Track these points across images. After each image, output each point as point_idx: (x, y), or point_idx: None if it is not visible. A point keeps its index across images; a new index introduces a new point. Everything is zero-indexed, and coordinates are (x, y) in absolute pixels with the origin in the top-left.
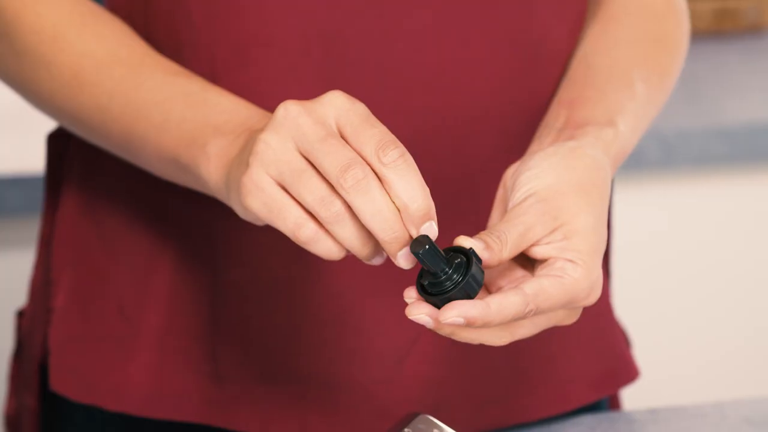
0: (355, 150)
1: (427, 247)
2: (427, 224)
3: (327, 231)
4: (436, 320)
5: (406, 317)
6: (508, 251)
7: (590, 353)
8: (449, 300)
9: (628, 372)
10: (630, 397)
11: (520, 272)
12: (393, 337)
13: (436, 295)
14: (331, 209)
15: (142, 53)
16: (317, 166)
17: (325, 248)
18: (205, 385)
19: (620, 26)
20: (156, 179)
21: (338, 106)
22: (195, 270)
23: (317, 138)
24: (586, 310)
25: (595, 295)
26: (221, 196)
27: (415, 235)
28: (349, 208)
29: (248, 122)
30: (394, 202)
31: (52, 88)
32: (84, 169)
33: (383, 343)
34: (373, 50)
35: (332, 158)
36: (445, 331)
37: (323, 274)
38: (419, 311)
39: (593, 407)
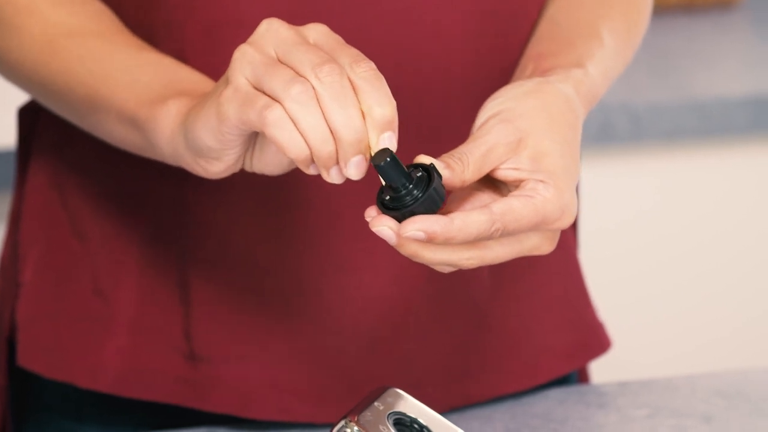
0: None
1: (388, 159)
2: (388, 133)
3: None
4: (398, 235)
5: (375, 295)
6: (471, 172)
7: (561, 324)
8: (411, 214)
9: (600, 343)
10: (599, 371)
11: (490, 200)
12: (364, 316)
13: (398, 209)
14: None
15: (116, 30)
16: (293, 66)
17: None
18: (180, 365)
19: None
20: (125, 155)
21: (319, 31)
22: (165, 248)
23: (295, 42)
24: (558, 279)
25: (567, 219)
26: (173, 149)
27: (374, 141)
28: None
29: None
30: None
31: (22, 56)
32: (52, 143)
33: (354, 321)
34: (344, 30)
35: (309, 56)
36: (407, 250)
37: (293, 252)
38: (382, 223)
39: (562, 381)
